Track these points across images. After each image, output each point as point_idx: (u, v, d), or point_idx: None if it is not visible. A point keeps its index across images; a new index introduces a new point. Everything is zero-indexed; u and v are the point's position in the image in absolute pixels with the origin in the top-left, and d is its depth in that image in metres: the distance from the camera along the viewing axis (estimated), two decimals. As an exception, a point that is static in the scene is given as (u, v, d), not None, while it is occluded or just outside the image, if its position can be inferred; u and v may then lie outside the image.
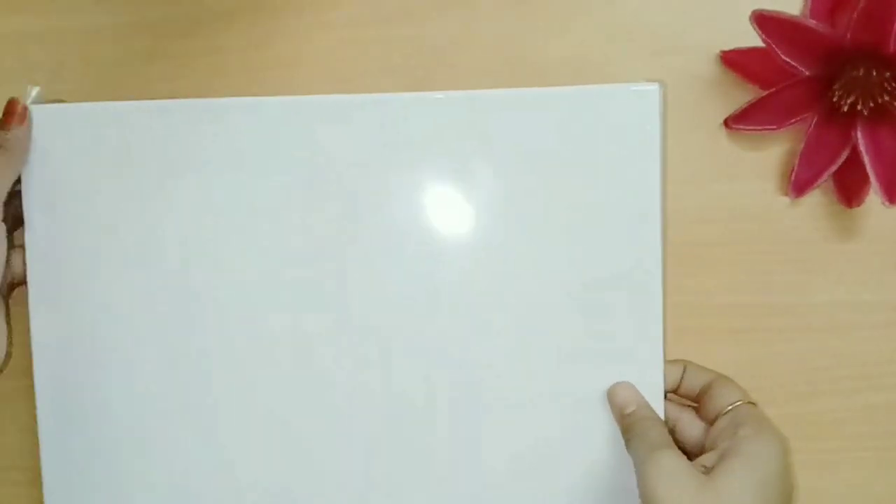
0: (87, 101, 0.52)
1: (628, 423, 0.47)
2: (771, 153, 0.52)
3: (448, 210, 0.49)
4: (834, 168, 0.49)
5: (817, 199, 0.52)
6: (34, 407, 0.52)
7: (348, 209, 0.49)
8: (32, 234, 0.51)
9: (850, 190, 0.51)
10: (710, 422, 0.47)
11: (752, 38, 0.48)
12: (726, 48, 0.51)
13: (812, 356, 0.52)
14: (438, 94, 0.49)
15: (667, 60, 0.52)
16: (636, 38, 0.52)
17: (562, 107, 0.48)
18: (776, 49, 0.47)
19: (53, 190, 0.50)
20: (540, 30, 0.52)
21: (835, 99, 0.48)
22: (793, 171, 0.51)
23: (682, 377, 0.50)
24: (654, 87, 0.48)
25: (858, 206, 0.51)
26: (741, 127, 0.51)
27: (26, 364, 0.52)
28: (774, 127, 0.50)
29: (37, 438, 0.52)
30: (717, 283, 0.52)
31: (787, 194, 0.51)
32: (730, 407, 0.46)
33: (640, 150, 0.48)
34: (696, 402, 0.49)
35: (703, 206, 0.52)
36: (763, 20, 0.47)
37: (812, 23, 0.47)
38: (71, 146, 0.50)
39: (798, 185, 0.51)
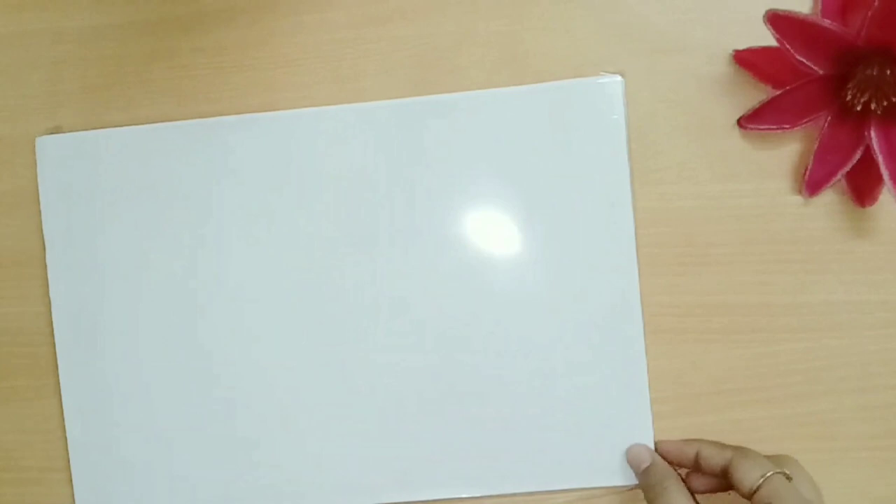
0: (86, 102, 0.54)
1: (646, 481, 0.49)
2: (784, 152, 0.51)
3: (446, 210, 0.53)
4: (848, 167, 0.49)
5: (830, 199, 0.51)
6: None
7: (349, 209, 0.53)
8: (53, 253, 0.54)
9: (863, 189, 0.50)
10: (747, 497, 0.46)
11: (763, 38, 0.47)
12: (738, 47, 0.50)
13: (812, 356, 0.52)
14: (413, 100, 0.52)
15: (680, 60, 0.52)
16: (644, 37, 0.52)
17: (532, 102, 0.52)
18: (790, 48, 0.47)
19: (68, 211, 0.54)
20: (541, 30, 0.52)
21: (848, 98, 0.48)
22: (807, 170, 0.50)
23: (696, 456, 0.49)
24: (617, 79, 0.51)
25: (872, 205, 0.50)
26: (755, 126, 0.50)
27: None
28: (788, 126, 0.50)
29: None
30: (724, 282, 0.52)
31: (800, 193, 0.51)
32: (761, 480, 0.45)
33: (609, 137, 0.52)
34: (721, 477, 0.48)
35: (716, 205, 0.52)
36: (777, 20, 0.46)
37: (826, 22, 0.47)
38: (80, 171, 0.54)
39: (812, 184, 0.50)
